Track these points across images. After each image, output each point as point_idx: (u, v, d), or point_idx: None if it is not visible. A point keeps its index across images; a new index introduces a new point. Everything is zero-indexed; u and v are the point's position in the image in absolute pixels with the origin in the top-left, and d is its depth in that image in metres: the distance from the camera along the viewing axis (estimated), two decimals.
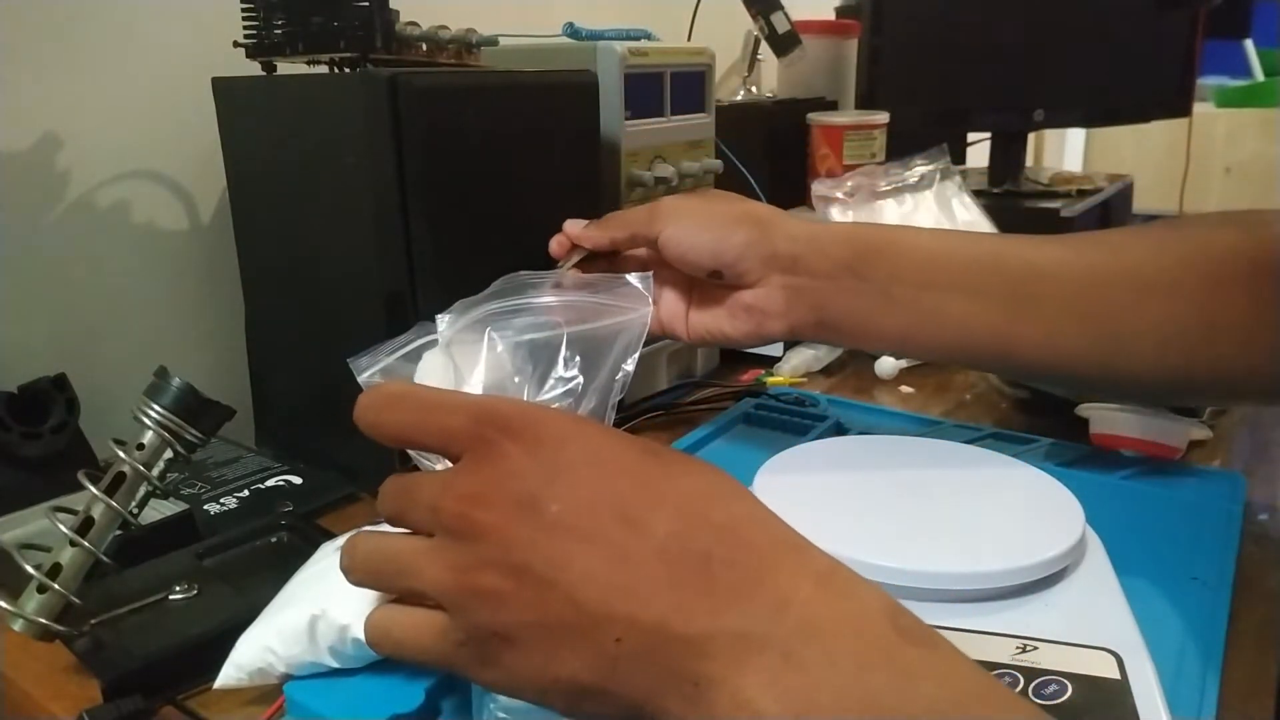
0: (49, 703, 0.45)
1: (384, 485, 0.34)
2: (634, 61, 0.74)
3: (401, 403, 0.33)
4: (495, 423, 0.31)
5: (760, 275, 0.54)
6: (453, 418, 0.31)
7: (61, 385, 0.65)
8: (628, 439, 0.32)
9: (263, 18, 0.64)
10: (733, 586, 0.28)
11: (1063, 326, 0.50)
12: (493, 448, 0.30)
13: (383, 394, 0.33)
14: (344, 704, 0.40)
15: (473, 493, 0.30)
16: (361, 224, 0.60)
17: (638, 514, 0.29)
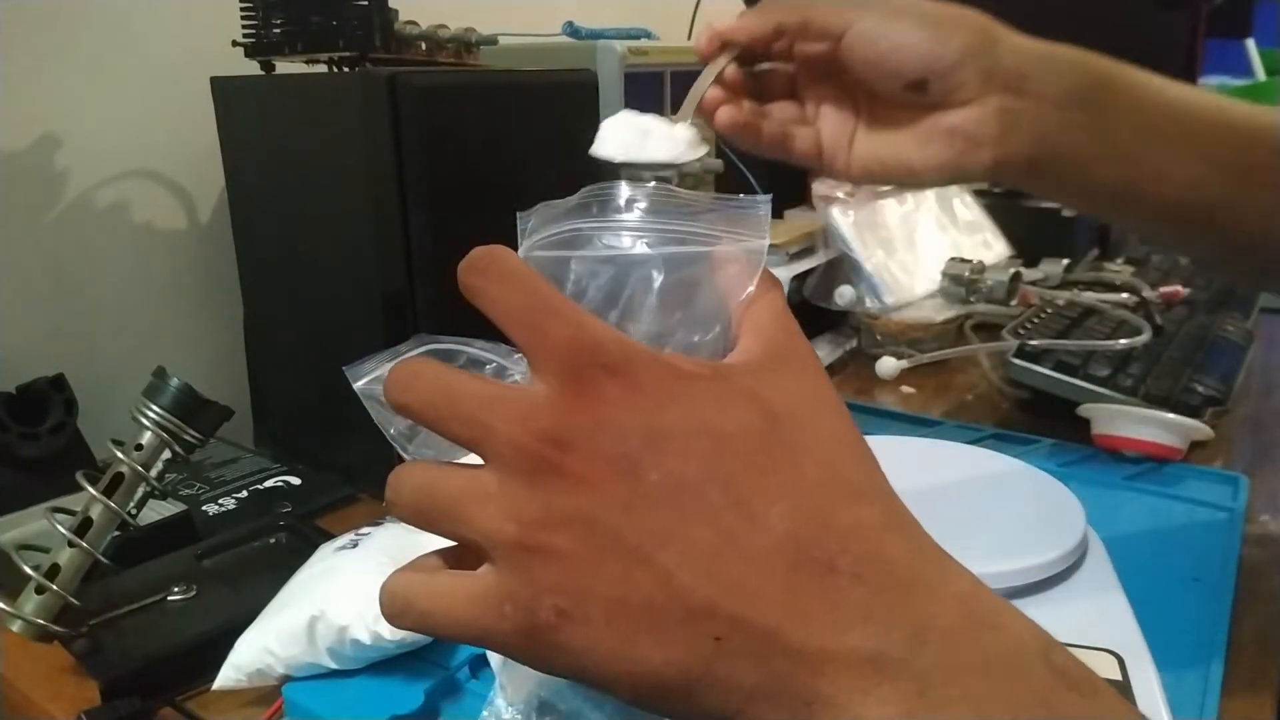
0: (47, 704, 0.45)
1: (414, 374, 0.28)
2: (634, 60, 0.74)
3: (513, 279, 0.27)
4: (594, 352, 0.25)
5: (977, 92, 0.43)
6: (554, 323, 0.26)
7: (60, 386, 0.64)
8: (743, 400, 0.26)
9: (261, 17, 0.64)
10: (861, 603, 0.24)
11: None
12: (587, 385, 0.25)
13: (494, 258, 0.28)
14: (343, 705, 0.40)
15: (559, 431, 0.25)
16: (360, 224, 0.60)
17: (752, 503, 0.24)
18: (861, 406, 0.76)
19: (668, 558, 0.24)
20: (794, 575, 0.24)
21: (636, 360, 0.26)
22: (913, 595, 0.24)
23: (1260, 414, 0.75)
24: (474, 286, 0.29)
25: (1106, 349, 0.71)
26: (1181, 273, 1.05)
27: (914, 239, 1.04)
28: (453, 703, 0.41)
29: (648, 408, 0.25)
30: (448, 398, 0.27)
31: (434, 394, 0.27)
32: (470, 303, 0.28)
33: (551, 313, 0.26)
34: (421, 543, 0.48)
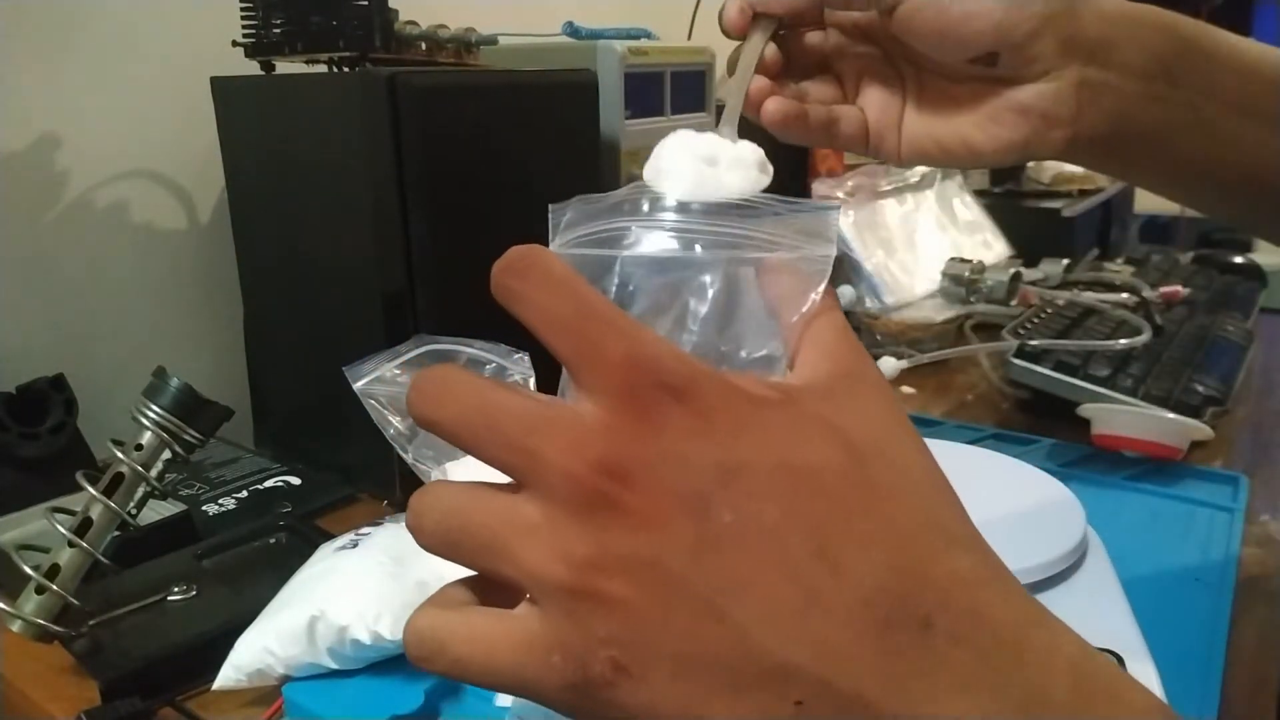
0: (47, 704, 0.45)
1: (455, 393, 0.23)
2: (634, 60, 0.74)
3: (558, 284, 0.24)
4: (654, 373, 0.22)
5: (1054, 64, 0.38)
6: (610, 338, 0.22)
7: (60, 386, 0.64)
8: (822, 431, 0.23)
9: (261, 17, 0.64)
10: (964, 669, 0.21)
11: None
12: (648, 409, 0.22)
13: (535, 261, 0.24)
14: (343, 705, 0.40)
15: (618, 461, 0.21)
16: (360, 224, 0.60)
17: (838, 552, 0.21)
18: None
19: (743, 612, 0.21)
20: (886, 635, 0.21)
21: (702, 382, 0.22)
22: (1022, 662, 0.22)
23: (1260, 414, 0.75)
24: (512, 291, 0.24)
25: (1106, 349, 0.71)
26: (1181, 273, 1.05)
27: (914, 239, 1.04)
28: (453, 702, 0.41)
29: (719, 438, 0.22)
30: (486, 417, 0.23)
31: (470, 412, 0.23)
32: (506, 309, 0.24)
33: (604, 324, 0.23)
34: None
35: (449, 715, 0.40)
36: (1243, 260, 1.14)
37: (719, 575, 0.21)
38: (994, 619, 0.22)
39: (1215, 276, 1.04)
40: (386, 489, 0.63)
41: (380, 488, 0.64)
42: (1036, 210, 1.16)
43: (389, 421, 0.47)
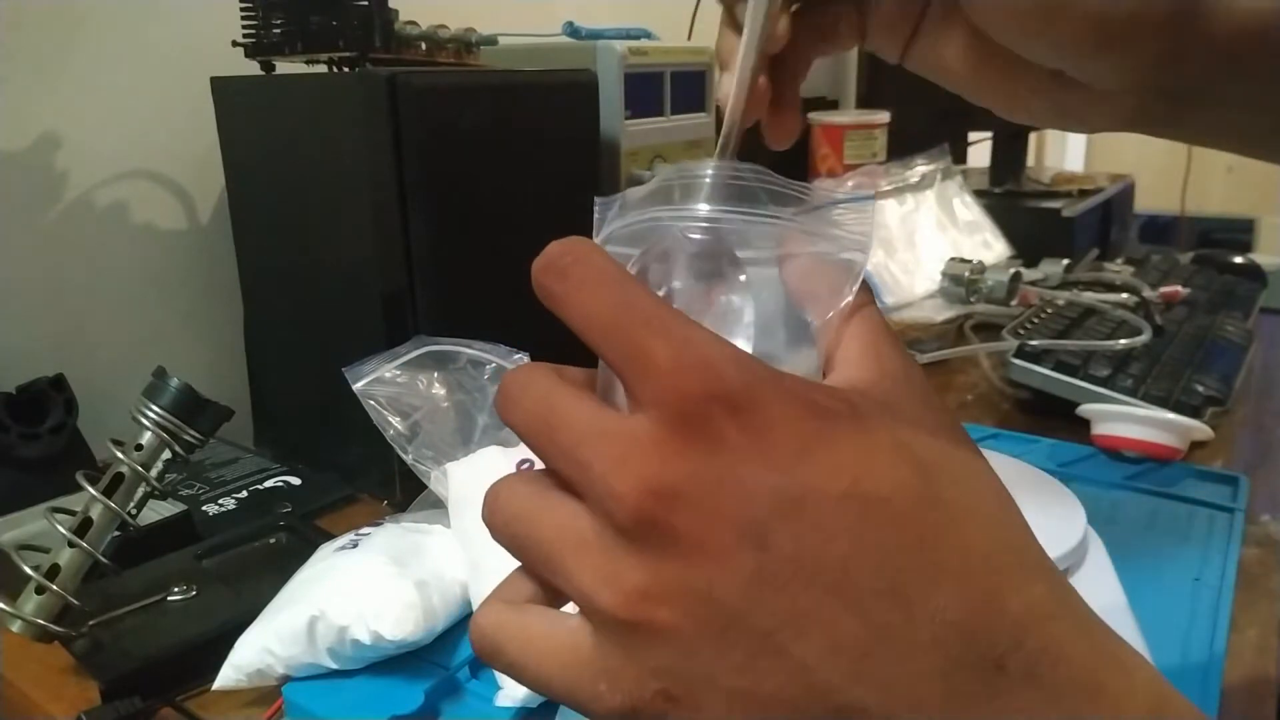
0: (47, 704, 0.45)
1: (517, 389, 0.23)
2: (634, 61, 0.74)
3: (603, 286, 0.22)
4: (711, 381, 0.20)
5: None
6: (658, 344, 0.21)
7: (60, 386, 0.64)
8: (890, 450, 0.21)
9: (261, 17, 0.64)
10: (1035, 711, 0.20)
11: None
12: (702, 425, 0.20)
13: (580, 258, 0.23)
14: (343, 705, 0.40)
15: (668, 484, 0.20)
16: (360, 224, 0.60)
17: (909, 587, 0.20)
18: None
19: (805, 650, 0.20)
20: (956, 676, 0.20)
21: (760, 392, 0.21)
22: (1096, 705, 0.21)
23: (1260, 414, 0.75)
24: (553, 292, 0.23)
25: (1106, 349, 0.71)
26: (1181, 273, 1.05)
27: (914, 239, 1.04)
28: (453, 703, 0.41)
29: (780, 460, 0.20)
30: (548, 424, 0.22)
31: (533, 419, 0.23)
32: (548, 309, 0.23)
33: (651, 326, 0.21)
34: (425, 544, 0.48)
35: (449, 715, 0.40)
36: (1243, 260, 1.14)
37: (779, 610, 0.20)
38: (1069, 658, 0.21)
39: (1215, 276, 1.04)
40: (386, 489, 0.63)
41: (380, 488, 0.64)
42: (1036, 210, 1.16)
43: (389, 422, 0.48)
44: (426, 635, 0.42)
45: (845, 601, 0.20)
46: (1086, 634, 0.21)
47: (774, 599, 0.20)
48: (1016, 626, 0.20)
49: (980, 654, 0.20)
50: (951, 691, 0.20)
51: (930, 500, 0.21)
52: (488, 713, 0.39)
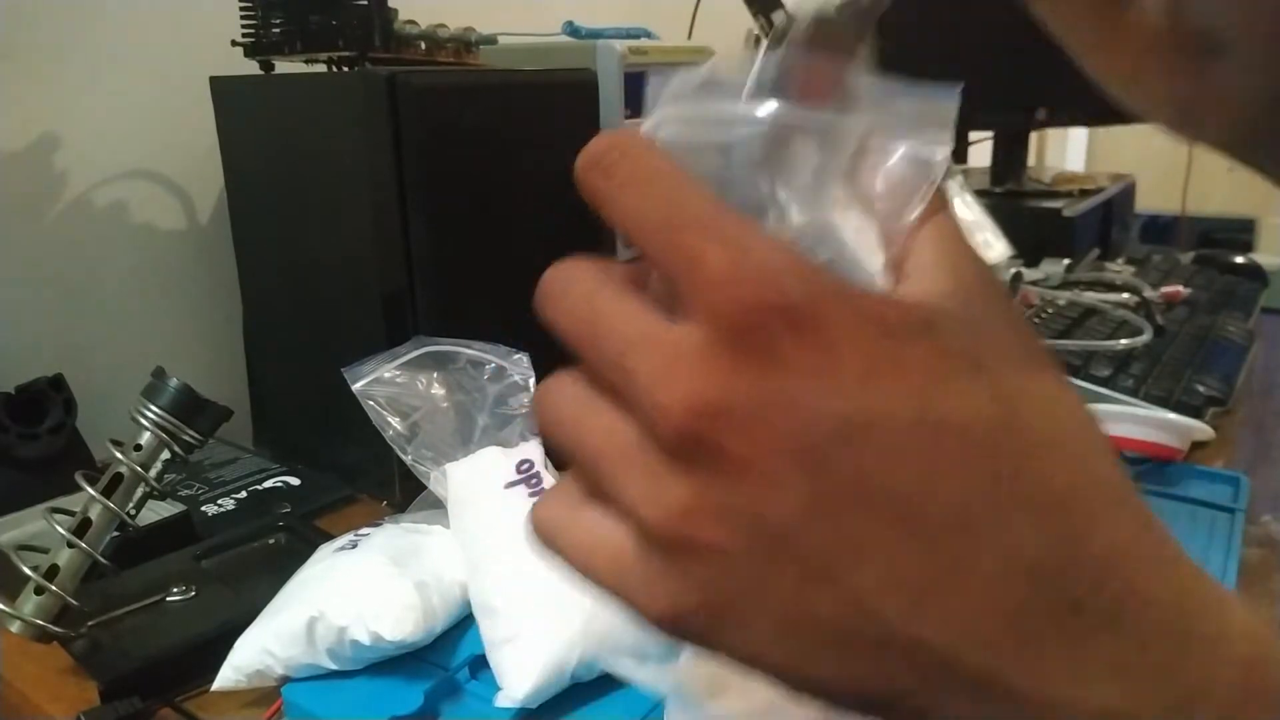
0: (46, 704, 0.45)
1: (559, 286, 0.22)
2: (633, 60, 0.73)
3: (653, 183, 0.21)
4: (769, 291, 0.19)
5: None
6: (711, 249, 0.19)
7: (59, 386, 0.64)
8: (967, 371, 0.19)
9: (261, 16, 0.64)
10: (1116, 655, 0.19)
11: None
12: (758, 339, 0.19)
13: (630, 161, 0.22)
14: (342, 706, 0.40)
15: (716, 400, 0.19)
16: (360, 224, 0.60)
17: (980, 522, 0.19)
18: None
19: (861, 580, 0.19)
20: (1028, 618, 0.19)
21: (827, 306, 0.19)
22: (1187, 650, 0.19)
23: (1261, 414, 0.75)
24: (599, 191, 0.22)
25: (1107, 349, 0.71)
26: (1182, 273, 1.04)
27: None
28: (452, 703, 0.41)
29: (845, 382, 0.19)
30: (591, 326, 0.21)
31: (578, 322, 0.21)
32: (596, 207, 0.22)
33: (708, 231, 0.19)
34: (424, 545, 0.48)
35: (448, 716, 0.40)
36: (1244, 260, 1.14)
37: (835, 538, 0.19)
38: (1156, 602, 0.19)
39: (1216, 276, 1.04)
40: (385, 490, 0.62)
41: (379, 488, 0.63)
42: (1037, 210, 1.16)
43: (388, 422, 0.47)
44: (426, 636, 0.42)
45: (909, 534, 0.19)
46: (1176, 576, 0.20)
47: (829, 526, 0.19)
48: (1097, 567, 0.19)
49: (1056, 596, 0.19)
50: (1022, 635, 0.19)
51: (1008, 429, 0.19)
52: (487, 713, 0.39)
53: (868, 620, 0.19)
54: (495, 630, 0.41)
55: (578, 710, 0.40)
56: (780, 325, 0.18)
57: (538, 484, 0.47)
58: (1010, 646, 0.19)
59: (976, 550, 0.19)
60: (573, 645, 0.39)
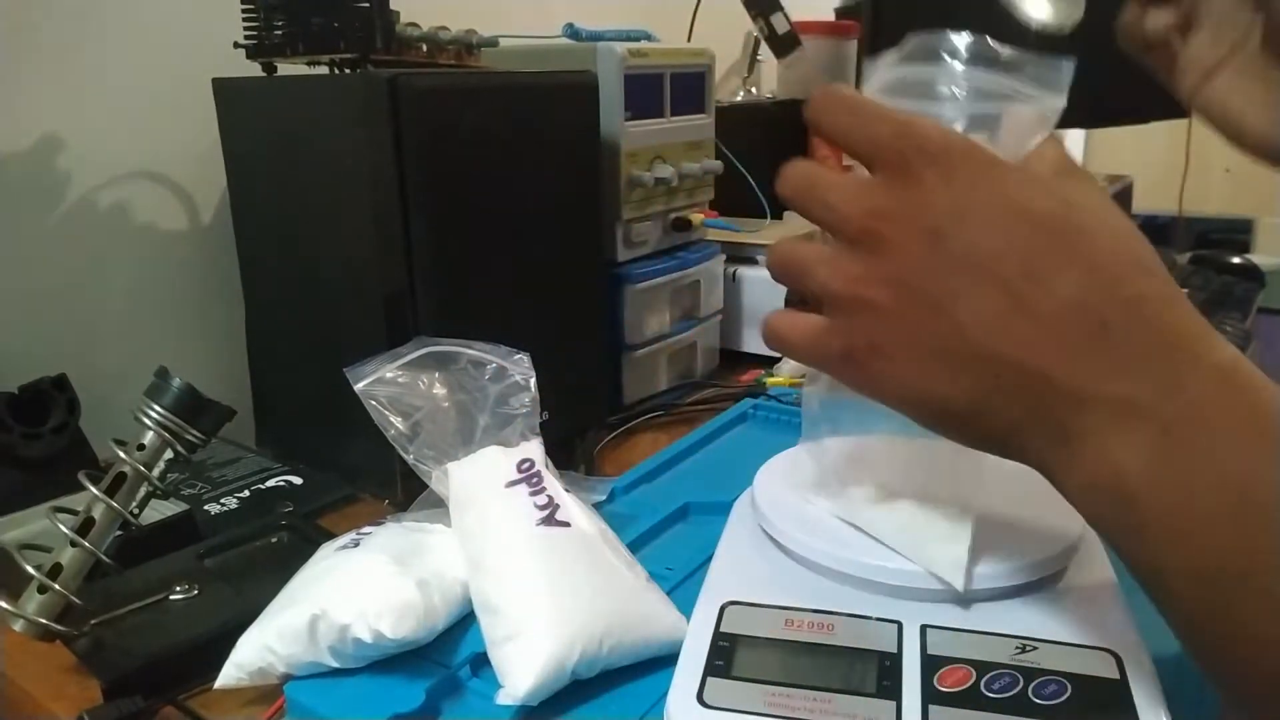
0: (49, 703, 0.45)
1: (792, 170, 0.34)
2: (634, 62, 0.74)
3: (845, 105, 0.33)
4: (916, 142, 0.31)
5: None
6: (881, 127, 0.32)
7: (62, 385, 0.65)
8: (1045, 185, 0.31)
9: (263, 19, 0.65)
10: (1126, 358, 0.28)
11: None
12: (909, 170, 0.31)
13: (830, 93, 0.33)
14: (344, 704, 0.40)
15: (881, 209, 0.31)
16: (361, 225, 0.60)
17: (1043, 271, 0.29)
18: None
19: (962, 311, 0.30)
20: (1071, 330, 0.29)
21: (954, 148, 0.31)
22: (1173, 358, 0.28)
23: None
24: (818, 121, 0.33)
25: None
26: (1180, 273, 1.05)
27: None
28: (454, 701, 0.41)
29: (958, 188, 0.30)
30: (810, 183, 0.33)
31: (801, 180, 0.33)
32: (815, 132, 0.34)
33: (879, 119, 0.32)
34: (426, 543, 0.48)
35: (450, 714, 0.40)
36: (1240, 260, 1.14)
37: (946, 286, 0.30)
38: (1161, 327, 0.29)
39: (1213, 277, 1.05)
40: (388, 489, 0.63)
41: (381, 488, 0.64)
42: None
43: (390, 422, 0.48)
44: (428, 634, 0.42)
45: (993, 281, 0.29)
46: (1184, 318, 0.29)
47: (943, 279, 0.30)
48: (1126, 305, 0.29)
49: (1093, 319, 0.29)
50: (1065, 340, 0.29)
51: (1070, 220, 0.30)
52: (488, 711, 0.39)
53: (966, 342, 0.30)
54: (496, 628, 0.42)
55: (578, 708, 0.40)
56: (922, 161, 0.31)
57: (538, 483, 0.47)
58: (1057, 353, 0.29)
59: (1038, 290, 0.29)
60: (573, 643, 0.40)
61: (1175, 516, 0.28)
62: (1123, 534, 0.30)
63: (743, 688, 0.36)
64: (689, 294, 0.84)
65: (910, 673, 0.36)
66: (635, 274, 0.77)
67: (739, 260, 0.91)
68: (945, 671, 0.36)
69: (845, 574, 0.41)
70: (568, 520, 0.45)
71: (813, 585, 0.41)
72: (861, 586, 0.41)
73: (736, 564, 0.44)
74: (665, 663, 0.40)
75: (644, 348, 0.79)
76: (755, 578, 0.42)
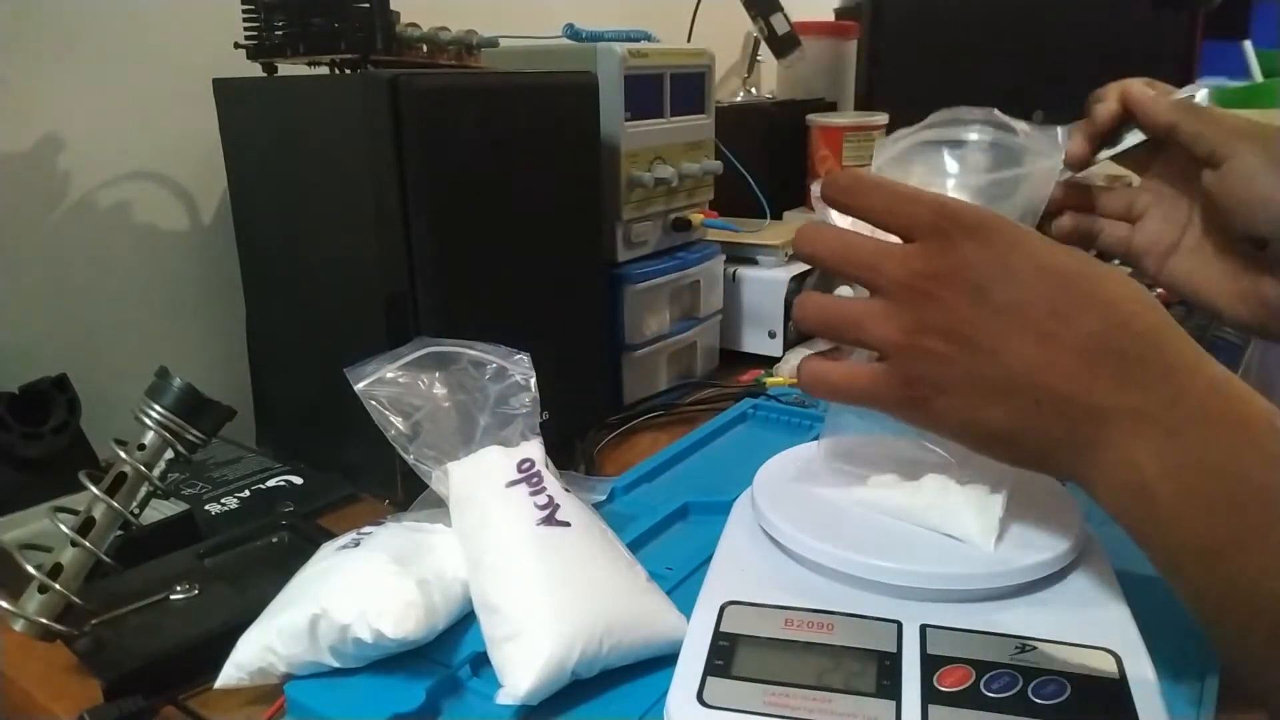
0: (50, 702, 0.45)
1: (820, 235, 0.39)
2: (634, 63, 0.74)
3: (877, 188, 0.38)
4: (954, 219, 0.36)
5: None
6: (919, 208, 0.37)
7: (62, 385, 0.65)
8: (1064, 249, 0.37)
9: (263, 19, 0.65)
10: (1139, 378, 0.34)
11: None
12: (950, 240, 0.36)
13: (858, 178, 0.39)
14: (344, 703, 0.40)
15: (927, 271, 0.36)
16: (362, 225, 0.60)
17: (1068, 312, 0.35)
18: None
19: (1007, 351, 0.35)
20: (1094, 358, 0.34)
21: (987, 221, 0.36)
22: (1176, 373, 0.34)
23: None
24: (842, 200, 0.39)
25: None
26: None
27: None
28: (454, 701, 0.41)
29: (996, 253, 0.36)
30: (847, 248, 0.38)
31: (835, 245, 0.39)
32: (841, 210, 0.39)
33: (914, 200, 0.38)
34: (426, 543, 0.48)
35: (450, 714, 0.40)
36: None
37: (993, 331, 0.35)
38: (1167, 351, 0.35)
39: None
40: (388, 489, 0.63)
41: (382, 487, 0.64)
42: None
43: (390, 422, 0.48)
44: (428, 633, 0.42)
45: (1030, 323, 0.35)
46: (1182, 342, 0.35)
47: (989, 326, 0.35)
48: (1137, 337, 0.35)
49: (1111, 348, 0.34)
50: (1090, 366, 0.34)
51: (1082, 270, 0.36)
52: (489, 711, 0.40)
53: (1010, 375, 0.35)
54: (496, 628, 0.42)
55: (578, 708, 0.40)
56: (961, 233, 0.36)
57: (538, 483, 0.47)
58: (1083, 378, 0.34)
59: (1066, 327, 0.35)
60: (573, 643, 0.40)
61: (1182, 502, 0.33)
62: (1141, 522, 0.34)
63: (742, 687, 0.36)
64: (689, 294, 0.84)
65: (910, 672, 0.36)
66: (635, 274, 0.77)
67: (739, 260, 0.91)
68: (945, 671, 0.36)
69: (845, 574, 0.41)
70: (568, 520, 0.45)
71: (812, 585, 0.41)
72: (861, 586, 0.41)
73: (736, 564, 0.44)
74: (665, 662, 0.40)
75: (644, 348, 0.79)
76: (755, 578, 0.42)
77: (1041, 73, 1.13)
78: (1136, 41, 1.11)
